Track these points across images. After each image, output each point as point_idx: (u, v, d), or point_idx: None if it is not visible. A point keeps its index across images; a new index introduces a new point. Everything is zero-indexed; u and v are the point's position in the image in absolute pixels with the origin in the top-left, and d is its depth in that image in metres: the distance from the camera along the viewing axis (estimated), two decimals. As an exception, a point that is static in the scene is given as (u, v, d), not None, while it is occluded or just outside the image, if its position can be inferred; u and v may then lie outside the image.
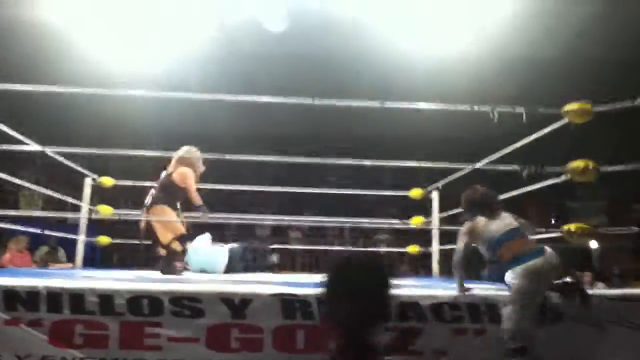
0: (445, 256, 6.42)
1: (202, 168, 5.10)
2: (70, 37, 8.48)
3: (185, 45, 8.84)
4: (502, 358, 2.50)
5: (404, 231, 10.67)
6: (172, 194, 4.92)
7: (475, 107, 3.89)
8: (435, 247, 5.99)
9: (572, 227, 3.41)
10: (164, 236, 4.76)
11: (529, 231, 3.07)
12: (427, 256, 6.57)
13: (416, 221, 5.73)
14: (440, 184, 5.47)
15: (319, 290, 1.36)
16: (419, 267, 10.28)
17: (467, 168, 4.49)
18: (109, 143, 4.72)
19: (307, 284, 3.14)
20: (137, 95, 4.98)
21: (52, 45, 8.67)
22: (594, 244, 11.57)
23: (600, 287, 6.42)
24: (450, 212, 4.94)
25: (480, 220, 2.99)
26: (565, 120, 3.67)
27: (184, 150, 5.01)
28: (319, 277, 1.41)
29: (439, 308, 2.62)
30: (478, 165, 4.82)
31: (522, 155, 4.30)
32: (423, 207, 6.78)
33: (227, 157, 5.06)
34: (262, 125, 11.25)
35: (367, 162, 3.87)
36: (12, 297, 2.48)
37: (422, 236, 7.37)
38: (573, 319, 2.65)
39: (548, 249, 2.86)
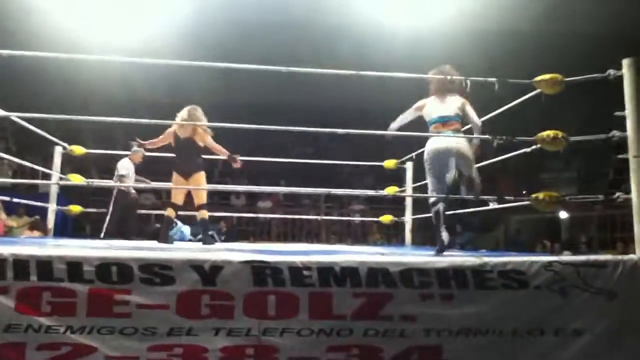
0: (419, 226, 6.52)
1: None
2: (43, 7, 8.23)
3: (159, 11, 8.64)
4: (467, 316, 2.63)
5: (379, 201, 10.79)
6: (201, 157, 5.03)
7: (449, 77, 3.90)
8: (409, 217, 6.06)
9: (541, 195, 3.47)
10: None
11: (463, 120, 3.94)
12: (400, 225, 6.67)
13: (390, 191, 5.77)
14: (414, 154, 5.51)
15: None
16: (392, 236, 10.43)
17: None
18: (82, 113, 4.61)
19: (279, 251, 3.16)
20: (110, 62, 4.87)
21: (22, 10, 8.40)
22: (563, 215, 11.86)
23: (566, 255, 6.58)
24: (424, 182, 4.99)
25: (430, 99, 4.01)
26: (537, 91, 3.71)
27: (192, 111, 5.01)
28: (293, 246, 1.41)
29: (407, 274, 2.65)
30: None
31: (495, 127, 4.34)
32: (398, 177, 6.84)
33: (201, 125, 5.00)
34: (237, 93, 11.14)
35: (341, 131, 3.85)
36: (-22, 265, 2.43)
37: (396, 206, 7.45)
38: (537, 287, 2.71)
39: (458, 139, 3.81)
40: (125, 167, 6.69)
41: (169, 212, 5.14)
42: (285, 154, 7.06)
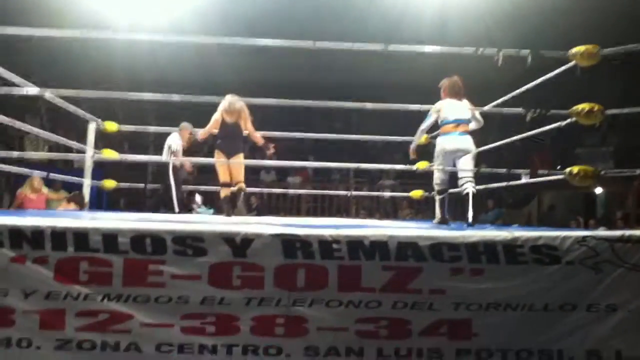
0: (449, 201, 6.44)
1: None
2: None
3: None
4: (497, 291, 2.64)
5: (409, 176, 10.72)
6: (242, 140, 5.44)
7: (480, 50, 3.82)
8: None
9: (575, 169, 3.40)
10: None
11: (471, 122, 4.50)
12: (430, 201, 6.61)
13: (420, 165, 5.71)
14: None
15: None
16: (422, 211, 10.37)
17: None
18: (112, 89, 4.69)
19: (309, 225, 3.18)
20: (140, 40, 4.93)
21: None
22: (599, 190, 11.58)
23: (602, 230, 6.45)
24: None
25: (445, 101, 4.44)
26: (573, 63, 3.60)
27: (236, 99, 5.28)
28: (323, 221, 1.42)
29: (437, 248, 2.65)
30: (484, 108, 4.77)
31: (529, 100, 4.25)
32: (428, 152, 6.76)
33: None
34: (265, 71, 11.10)
35: (370, 105, 3.83)
36: (18, 236, 2.52)
37: (427, 181, 7.37)
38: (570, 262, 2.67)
39: (465, 136, 4.37)
40: (176, 142, 6.80)
41: (224, 191, 5.43)
42: (313, 130, 7.09)
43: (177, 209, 6.66)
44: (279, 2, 9.03)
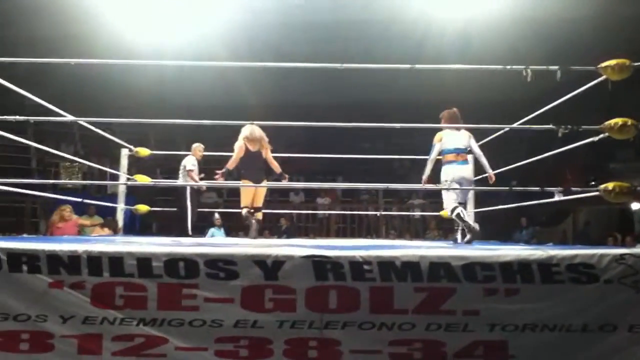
0: (481, 220, 6.36)
1: None
2: (100, 12, 8.58)
3: (212, 17, 8.80)
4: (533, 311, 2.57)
5: (438, 195, 10.62)
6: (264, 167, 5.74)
7: (508, 67, 3.80)
8: (470, 210, 5.94)
9: (611, 185, 3.32)
10: None
11: (470, 151, 4.80)
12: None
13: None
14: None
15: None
16: (450, 231, 10.23)
17: (503, 129, 4.41)
18: (143, 116, 4.80)
19: (339, 246, 3.18)
20: (167, 66, 5.04)
21: (81, 20, 8.77)
22: (635, 206, 11.27)
23: (640, 248, 6.26)
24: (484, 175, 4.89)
25: (446, 131, 4.73)
26: (603, 78, 3.55)
27: (255, 127, 5.55)
28: (353, 242, 1.42)
29: (470, 268, 2.61)
30: (514, 125, 4.73)
31: (560, 116, 4.19)
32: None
33: (258, 123, 5.11)
34: (291, 94, 11.22)
35: (398, 125, 3.83)
36: (55, 261, 2.59)
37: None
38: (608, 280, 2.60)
39: (466, 165, 4.76)
40: (191, 162, 6.89)
41: (245, 212, 5.59)
42: (341, 151, 7.12)
43: (190, 232, 6.66)
44: (305, 26, 9.14)
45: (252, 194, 5.58)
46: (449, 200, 4.82)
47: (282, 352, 2.54)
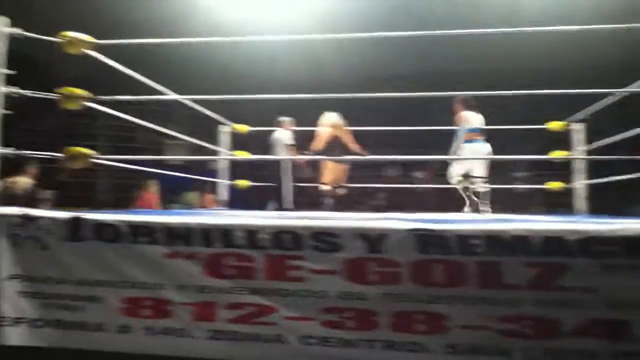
0: (593, 192, 5.97)
1: None
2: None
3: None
4: None
5: (541, 167, 10.10)
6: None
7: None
8: (581, 182, 5.61)
9: None
10: None
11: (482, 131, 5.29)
12: (566, 193, 6.19)
13: (557, 155, 5.35)
14: (584, 113, 5.04)
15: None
16: (556, 204, 9.71)
17: (615, 94, 4.07)
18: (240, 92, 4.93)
19: (444, 220, 3.12)
20: (258, 42, 5.10)
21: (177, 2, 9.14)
22: None
23: None
24: (596, 144, 4.57)
25: (467, 112, 5.28)
26: None
27: (335, 114, 6.31)
28: (456, 215, 1.38)
29: (587, 243, 2.46)
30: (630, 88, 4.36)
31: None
32: (562, 141, 6.33)
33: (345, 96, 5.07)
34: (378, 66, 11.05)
35: (510, 93, 3.65)
36: (170, 233, 2.74)
37: (561, 172, 6.91)
38: None
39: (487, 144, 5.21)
40: (290, 137, 7.01)
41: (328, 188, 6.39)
42: (440, 123, 6.90)
43: (289, 205, 6.73)
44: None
45: (334, 173, 6.27)
46: (458, 172, 5.43)
47: (387, 324, 2.54)
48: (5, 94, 3.29)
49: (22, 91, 3.37)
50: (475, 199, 5.35)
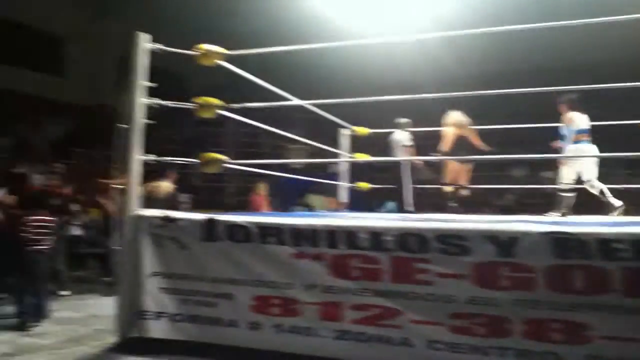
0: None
1: None
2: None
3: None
4: None
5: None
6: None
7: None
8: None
9: None
10: None
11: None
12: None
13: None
14: None
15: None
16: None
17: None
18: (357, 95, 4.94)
19: (582, 222, 2.90)
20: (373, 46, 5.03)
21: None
22: None
23: None
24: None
25: (574, 113, 5.05)
26: None
27: (460, 114, 6.19)
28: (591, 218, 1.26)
29: None
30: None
31: None
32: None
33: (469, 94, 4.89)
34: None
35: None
36: (298, 234, 2.82)
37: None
38: None
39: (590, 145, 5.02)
40: (408, 138, 6.90)
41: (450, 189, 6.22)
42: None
43: (410, 207, 6.55)
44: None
45: (458, 173, 6.16)
46: (570, 175, 5.20)
47: (520, 332, 2.41)
48: (147, 105, 3.54)
49: (163, 102, 3.59)
50: (607, 199, 4.94)
